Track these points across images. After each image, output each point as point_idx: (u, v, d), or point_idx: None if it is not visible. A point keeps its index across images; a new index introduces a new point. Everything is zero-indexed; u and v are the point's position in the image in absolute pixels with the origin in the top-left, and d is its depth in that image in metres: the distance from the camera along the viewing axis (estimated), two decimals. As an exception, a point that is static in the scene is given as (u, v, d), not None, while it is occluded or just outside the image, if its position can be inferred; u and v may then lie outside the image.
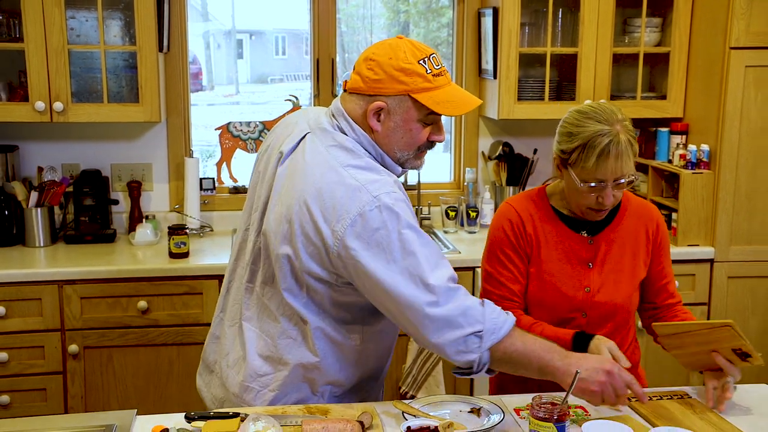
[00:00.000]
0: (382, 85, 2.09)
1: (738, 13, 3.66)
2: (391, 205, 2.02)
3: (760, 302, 3.88)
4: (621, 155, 2.25)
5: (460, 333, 2.02)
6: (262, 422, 1.98)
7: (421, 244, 2.04)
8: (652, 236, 2.48)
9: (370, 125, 2.12)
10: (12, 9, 3.62)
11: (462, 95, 2.18)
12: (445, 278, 2.04)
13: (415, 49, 2.11)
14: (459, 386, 3.75)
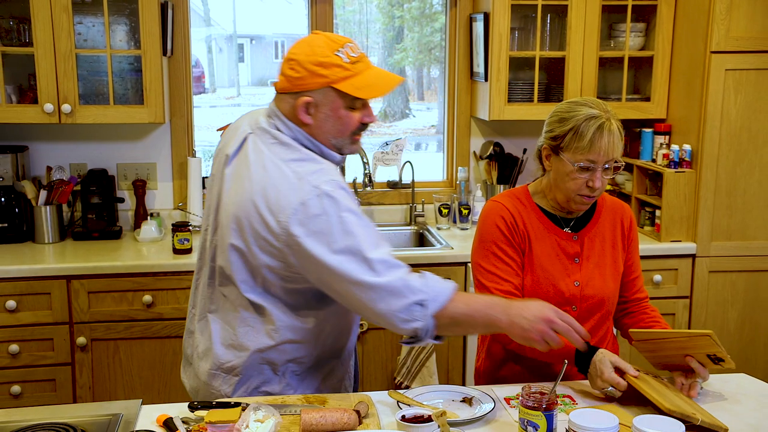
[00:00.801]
0: (305, 82, 2.12)
1: (718, 19, 3.67)
2: (330, 192, 2.06)
3: (739, 295, 3.89)
4: (612, 138, 2.28)
5: (404, 302, 2.04)
6: (262, 411, 1.99)
7: (360, 226, 2.08)
8: (627, 231, 2.50)
9: (302, 120, 2.15)
10: (22, 15, 3.61)
11: (382, 77, 2.20)
12: (385, 254, 2.07)
13: (330, 41, 2.14)
14: (452, 377, 3.75)
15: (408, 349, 3.63)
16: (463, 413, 2.11)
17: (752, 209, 3.84)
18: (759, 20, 3.69)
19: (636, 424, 1.79)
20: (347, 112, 2.16)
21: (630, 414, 2.04)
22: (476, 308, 2.10)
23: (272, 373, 2.27)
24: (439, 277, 2.11)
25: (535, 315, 2.06)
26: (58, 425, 1.97)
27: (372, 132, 5.15)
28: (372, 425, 2.03)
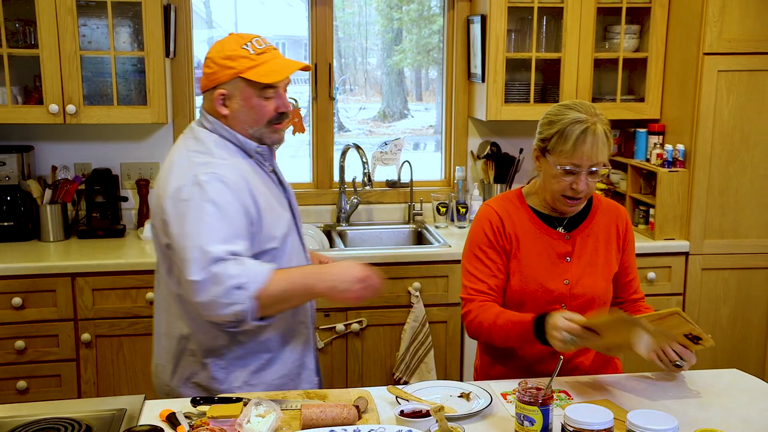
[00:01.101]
0: (217, 75, 2.26)
1: (711, 21, 3.67)
2: (204, 182, 2.16)
3: (731, 292, 3.90)
4: (596, 142, 2.28)
5: (224, 287, 2.07)
6: (264, 407, 1.99)
7: (215, 218, 2.13)
8: (622, 233, 2.50)
9: (220, 112, 2.27)
10: (27, 18, 3.61)
11: (284, 63, 2.30)
12: (223, 251, 2.10)
13: (239, 38, 2.28)
14: (449, 372, 3.76)
15: (406, 346, 3.63)
16: (461, 408, 2.12)
17: (744, 208, 3.84)
18: (750, 23, 3.69)
19: (630, 419, 1.80)
20: (260, 101, 2.28)
21: (625, 409, 2.05)
22: (294, 281, 2.17)
23: (197, 363, 2.33)
24: (257, 262, 2.16)
25: (352, 276, 2.18)
26: (63, 420, 1.98)
27: (371, 132, 5.15)
28: (371, 420, 2.03)
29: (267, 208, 2.27)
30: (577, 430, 1.80)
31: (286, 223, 2.34)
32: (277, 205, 2.34)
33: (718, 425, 1.91)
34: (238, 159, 2.29)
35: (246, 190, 2.22)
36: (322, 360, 3.64)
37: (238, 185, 2.20)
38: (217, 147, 2.28)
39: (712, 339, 2.22)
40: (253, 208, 2.22)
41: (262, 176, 2.34)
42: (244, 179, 2.24)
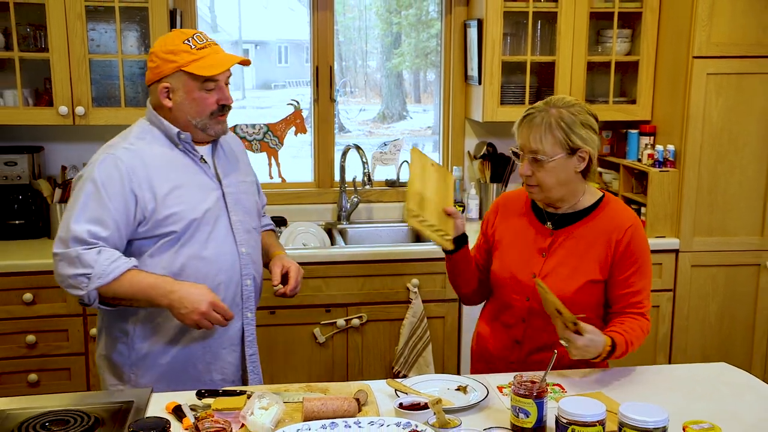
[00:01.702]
0: (160, 69, 2.30)
1: (700, 26, 3.67)
2: (99, 161, 2.25)
3: (719, 289, 3.90)
4: (537, 129, 2.29)
5: (73, 270, 2.18)
6: (267, 399, 1.99)
7: (90, 198, 2.22)
8: (616, 245, 2.33)
9: (164, 104, 2.32)
10: (38, 22, 3.61)
11: (224, 57, 2.34)
12: (85, 231, 2.19)
13: (181, 33, 2.33)
14: (447, 366, 3.76)
15: (405, 341, 3.63)
16: (458, 401, 2.12)
17: (732, 207, 3.84)
18: (739, 27, 3.69)
19: (622, 411, 1.80)
20: (201, 93, 2.31)
21: (617, 402, 2.05)
22: (139, 288, 2.20)
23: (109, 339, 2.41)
24: (118, 256, 2.22)
25: (193, 306, 2.19)
26: (73, 412, 1.98)
27: (371, 133, 5.15)
28: (371, 412, 2.03)
29: (171, 195, 2.28)
30: (570, 421, 1.80)
31: (202, 211, 2.32)
32: (195, 193, 2.33)
33: (707, 417, 1.91)
34: (157, 146, 2.33)
35: (142, 177, 2.25)
36: (322, 354, 3.65)
37: (132, 170, 2.24)
38: (138, 134, 2.34)
39: (575, 317, 2.15)
40: (148, 195, 2.25)
41: (185, 164, 2.36)
42: (145, 165, 2.27)
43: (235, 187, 2.45)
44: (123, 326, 2.36)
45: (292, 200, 4.25)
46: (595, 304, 2.38)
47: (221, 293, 2.34)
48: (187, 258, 2.31)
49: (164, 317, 2.33)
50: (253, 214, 2.53)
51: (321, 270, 3.59)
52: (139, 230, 2.27)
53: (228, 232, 2.39)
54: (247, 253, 2.44)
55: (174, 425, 1.95)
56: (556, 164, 2.30)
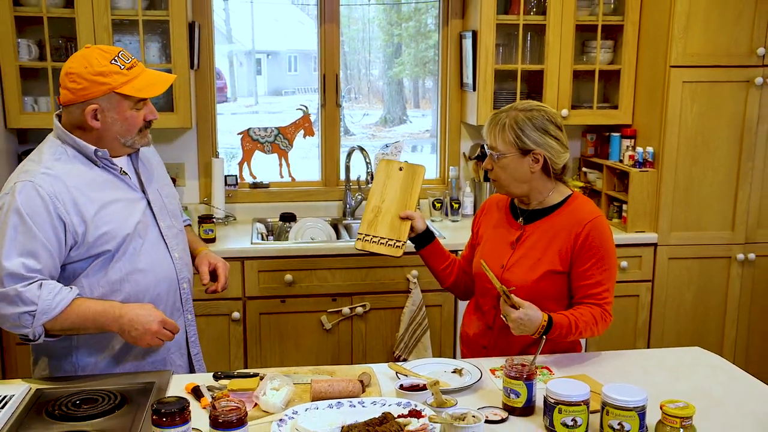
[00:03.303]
0: (88, 91, 2.06)
1: (676, 38, 3.67)
2: (18, 190, 2.00)
3: (694, 279, 3.90)
4: (494, 128, 2.33)
5: (16, 310, 1.97)
6: (278, 381, 2.00)
7: (17, 231, 1.98)
8: (575, 238, 2.28)
9: (92, 125, 2.09)
10: (69, 35, 3.62)
11: (157, 77, 2.17)
12: (19, 265, 1.97)
13: (103, 52, 2.09)
14: (444, 351, 3.76)
15: (405, 327, 3.63)
16: (454, 382, 2.12)
17: (705, 204, 3.84)
18: (711, 39, 3.69)
19: (605, 391, 1.80)
20: (132, 112, 2.13)
21: (600, 383, 2.05)
22: (88, 317, 2.02)
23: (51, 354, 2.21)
24: (60, 288, 2.01)
25: (144, 327, 2.02)
26: (102, 391, 1.98)
27: (374, 136, 5.15)
28: (374, 393, 2.04)
29: (99, 214, 2.09)
30: (557, 401, 1.80)
31: (133, 225, 2.14)
32: (122, 208, 2.14)
33: (682, 396, 1.91)
34: (76, 166, 2.10)
35: (67, 201, 2.04)
36: (329, 340, 3.65)
37: (55, 196, 2.02)
38: (53, 155, 2.10)
39: (506, 288, 2.15)
40: (75, 219, 2.04)
41: (106, 180, 2.15)
42: (67, 189, 2.05)
43: (157, 193, 2.28)
44: (65, 348, 2.17)
45: (301, 197, 4.25)
46: (557, 294, 2.33)
47: (163, 302, 2.21)
48: (124, 273, 2.13)
49: (106, 336, 2.16)
50: (178, 216, 2.37)
51: (327, 262, 3.59)
52: (71, 254, 2.07)
53: (159, 240, 2.22)
54: (179, 257, 2.28)
55: (192, 404, 1.95)
56: (508, 162, 2.31)
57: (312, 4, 4.30)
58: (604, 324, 2.28)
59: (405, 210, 2.56)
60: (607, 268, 2.29)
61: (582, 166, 4.36)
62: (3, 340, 3.42)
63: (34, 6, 3.53)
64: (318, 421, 1.79)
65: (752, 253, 3.90)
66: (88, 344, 2.17)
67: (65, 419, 1.84)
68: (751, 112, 3.77)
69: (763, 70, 3.74)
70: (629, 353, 2.39)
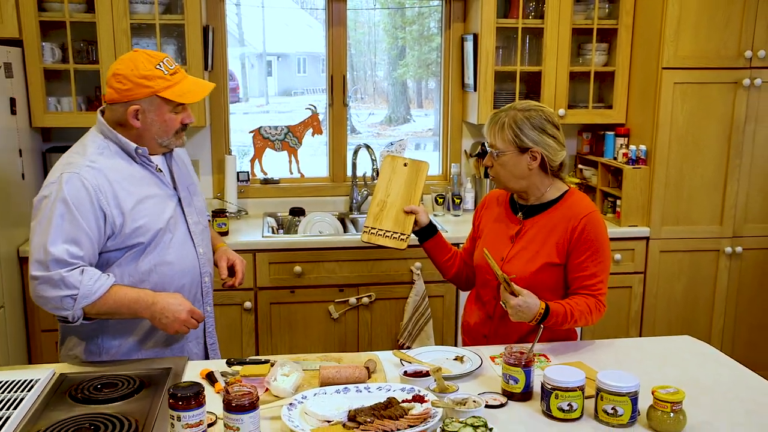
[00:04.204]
0: (133, 92, 2.10)
1: (668, 41, 3.66)
2: (65, 181, 2.04)
3: (684, 271, 3.89)
4: (494, 127, 2.33)
5: (57, 293, 2.01)
6: (288, 367, 2.00)
7: (63, 219, 2.02)
8: (571, 232, 2.28)
9: (132, 124, 2.13)
10: (90, 39, 3.64)
11: (198, 84, 2.20)
12: (64, 251, 2.01)
13: (150, 57, 2.13)
14: (446, 339, 3.76)
15: (409, 317, 3.64)
16: (456, 369, 2.12)
17: (695, 200, 3.84)
18: (702, 42, 3.68)
19: (599, 378, 1.80)
20: (171, 115, 2.16)
21: (594, 369, 2.05)
22: (123, 303, 2.06)
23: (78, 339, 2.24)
24: (100, 275, 2.06)
25: (174, 315, 2.08)
26: (121, 376, 1.99)
27: (379, 134, 5.14)
28: (379, 379, 2.04)
29: (136, 208, 2.12)
30: (554, 387, 1.81)
31: (165, 220, 2.18)
32: (156, 204, 2.18)
33: (672, 382, 1.91)
34: (117, 161, 2.15)
35: (108, 194, 2.08)
36: (336, 328, 3.66)
37: (98, 188, 2.07)
38: (96, 149, 2.14)
39: (507, 276, 2.16)
40: (115, 210, 2.08)
41: (144, 177, 2.18)
42: (109, 182, 2.09)
43: (187, 191, 2.31)
44: (92, 330, 2.20)
45: (309, 193, 4.25)
46: (554, 285, 2.33)
47: (186, 293, 2.24)
48: (153, 264, 2.16)
49: (132, 322, 2.20)
50: (204, 213, 2.39)
51: (335, 254, 3.60)
52: (108, 244, 2.11)
53: (186, 236, 2.26)
54: (203, 252, 2.31)
55: (207, 389, 1.96)
56: (507, 159, 2.31)
57: (320, 9, 4.30)
58: (598, 313, 2.28)
59: (409, 204, 2.57)
60: (601, 260, 2.29)
61: (578, 163, 4.35)
62: (29, 327, 3.43)
63: (58, 11, 3.54)
64: (326, 405, 1.80)
65: (739, 247, 3.90)
66: (114, 328, 2.20)
67: (87, 402, 1.85)
68: (739, 112, 3.76)
69: (751, 72, 3.73)
70: (622, 341, 2.39)
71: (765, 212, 3.91)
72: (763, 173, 3.86)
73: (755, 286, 3.97)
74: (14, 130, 3.41)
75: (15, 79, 3.43)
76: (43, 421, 1.75)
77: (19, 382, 1.92)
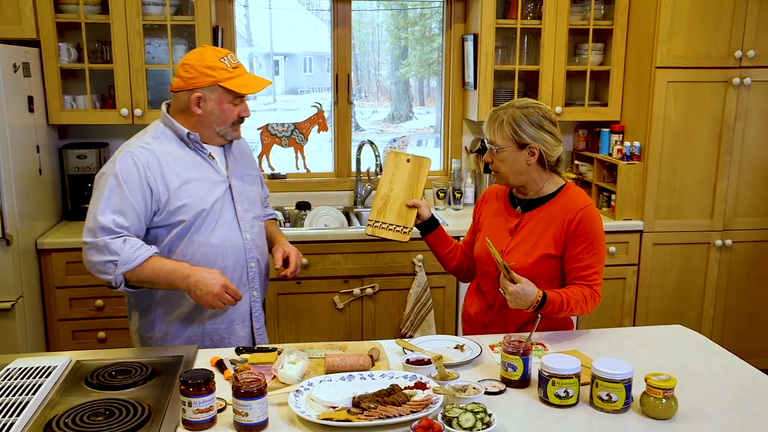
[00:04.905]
0: (197, 80, 2.19)
1: (661, 41, 3.65)
2: (119, 159, 2.16)
3: (676, 263, 3.89)
4: (493, 124, 2.32)
5: (101, 258, 2.11)
6: (294, 355, 2.00)
7: (113, 192, 2.13)
8: (568, 225, 2.28)
9: (194, 111, 2.22)
10: (104, 39, 3.63)
11: (256, 79, 2.27)
12: (110, 221, 2.11)
13: (216, 51, 2.23)
14: (446, 328, 3.76)
15: (411, 307, 3.64)
16: (456, 357, 2.12)
17: (687, 194, 3.83)
18: (694, 42, 3.67)
19: (594, 365, 1.80)
20: (230, 106, 2.24)
21: (590, 357, 2.05)
22: (160, 273, 2.14)
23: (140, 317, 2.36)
24: (141, 244, 2.14)
25: (208, 288, 2.12)
26: (134, 363, 1.99)
27: (382, 131, 5.14)
28: (383, 367, 2.04)
29: (182, 188, 2.20)
30: (551, 374, 1.80)
31: (210, 203, 2.24)
32: (203, 186, 2.24)
33: (665, 369, 1.91)
34: (171, 145, 2.23)
35: (156, 172, 2.17)
36: (341, 318, 3.66)
37: (148, 166, 2.16)
38: (153, 134, 2.25)
39: (507, 263, 2.17)
40: (161, 188, 2.16)
41: (195, 161, 2.26)
42: (159, 162, 2.18)
43: (241, 180, 2.36)
44: (147, 306, 2.31)
45: (315, 187, 4.25)
46: (551, 276, 2.32)
47: (228, 275, 2.27)
48: (196, 245, 2.22)
49: (179, 299, 2.27)
50: (257, 204, 2.42)
51: (339, 247, 3.60)
52: (154, 219, 2.19)
53: (233, 221, 2.30)
54: (251, 239, 2.34)
55: (217, 376, 1.97)
56: (507, 155, 2.30)
57: (326, 10, 4.29)
58: (593, 303, 2.27)
59: (412, 199, 2.56)
60: (596, 252, 2.29)
61: (574, 159, 4.34)
62: (46, 316, 3.44)
63: (73, 12, 3.53)
64: (331, 392, 1.80)
65: (729, 240, 3.89)
66: (164, 304, 2.29)
67: (102, 388, 1.86)
68: (729, 109, 3.75)
69: (740, 71, 3.72)
70: (617, 331, 2.39)
71: (754, 206, 3.90)
72: (752, 169, 3.85)
73: (744, 278, 3.96)
74: (32, 127, 3.42)
75: (33, 78, 3.44)
76: (60, 406, 1.75)
77: (37, 368, 1.92)
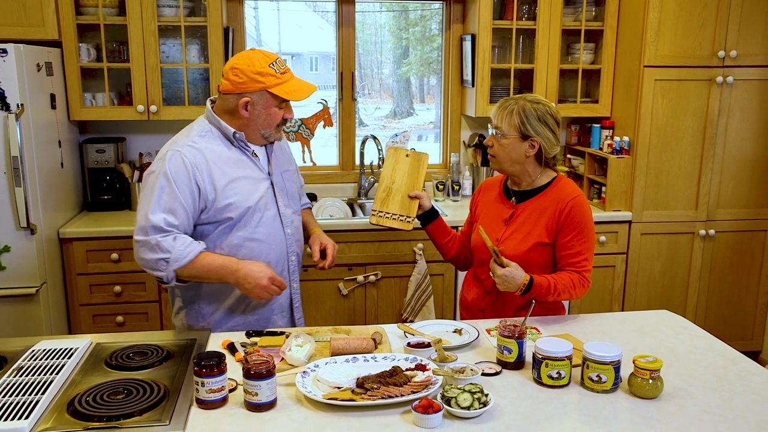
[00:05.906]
0: (246, 86, 2.14)
1: (649, 41, 3.63)
2: (168, 158, 2.11)
3: (663, 252, 3.88)
4: (503, 111, 2.30)
5: (154, 256, 2.09)
6: (302, 338, 2.00)
7: (163, 191, 2.09)
8: (559, 214, 2.27)
9: (242, 114, 2.17)
10: (122, 39, 3.63)
11: (303, 85, 2.21)
12: (161, 220, 2.08)
13: (265, 56, 2.16)
14: (445, 313, 3.77)
15: (412, 293, 3.64)
16: (455, 341, 2.12)
17: (673, 187, 3.82)
18: (680, 42, 3.65)
19: (586, 348, 1.80)
20: (276, 109, 2.19)
21: (581, 341, 2.05)
22: (210, 269, 2.11)
23: (185, 306, 2.33)
24: (191, 241, 2.11)
25: (256, 281, 2.10)
26: (151, 346, 2.00)
27: (384, 127, 5.13)
28: (385, 350, 2.04)
29: (229, 187, 2.16)
30: (544, 357, 1.80)
31: (255, 200, 2.21)
32: (248, 184, 2.21)
33: (652, 352, 1.91)
34: (217, 144, 2.19)
35: (204, 171, 2.13)
36: (346, 304, 3.66)
37: (196, 166, 2.12)
38: (200, 132, 2.19)
39: (496, 247, 2.18)
40: (209, 186, 2.13)
41: (239, 160, 2.22)
42: (206, 161, 2.14)
43: (281, 176, 2.33)
44: (192, 298, 2.29)
45: (321, 180, 4.25)
46: (544, 263, 2.32)
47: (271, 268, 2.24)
48: (242, 240, 2.20)
49: (224, 291, 2.26)
50: (296, 198, 2.41)
51: (344, 236, 3.60)
52: (202, 216, 2.16)
53: (276, 216, 2.28)
54: (291, 233, 2.33)
55: (228, 358, 1.97)
56: (509, 142, 2.29)
57: (331, 12, 4.27)
58: (582, 288, 2.26)
59: (413, 190, 2.56)
60: (585, 240, 2.28)
61: (567, 153, 4.33)
62: (68, 301, 3.44)
63: (93, 14, 3.52)
64: (336, 373, 1.80)
65: (712, 230, 3.88)
66: (208, 296, 2.27)
67: (120, 369, 1.87)
68: (713, 106, 3.74)
69: (723, 70, 3.70)
70: (606, 315, 2.39)
71: (735, 198, 3.89)
72: (734, 163, 3.84)
73: (726, 266, 3.96)
74: (54, 123, 3.42)
75: (55, 77, 3.43)
76: (82, 385, 1.76)
77: (60, 350, 1.93)
